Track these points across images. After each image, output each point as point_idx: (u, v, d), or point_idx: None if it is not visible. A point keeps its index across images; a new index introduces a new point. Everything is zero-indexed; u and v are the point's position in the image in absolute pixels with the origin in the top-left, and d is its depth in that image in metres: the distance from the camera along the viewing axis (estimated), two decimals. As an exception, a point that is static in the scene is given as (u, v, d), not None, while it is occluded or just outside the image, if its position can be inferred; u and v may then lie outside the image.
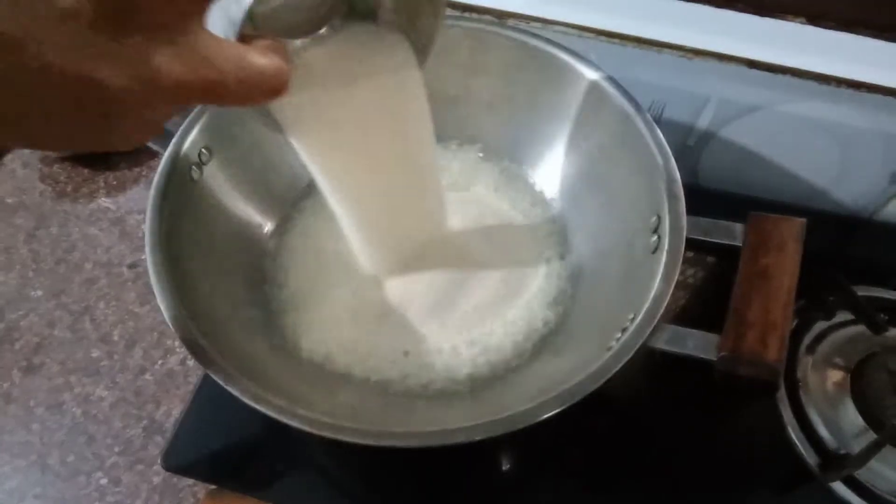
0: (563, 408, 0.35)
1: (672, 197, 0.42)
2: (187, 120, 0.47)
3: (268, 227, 0.54)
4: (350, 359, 0.48)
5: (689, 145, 0.61)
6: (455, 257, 0.52)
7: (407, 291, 0.50)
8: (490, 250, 0.53)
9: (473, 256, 0.53)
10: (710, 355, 0.36)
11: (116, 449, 0.54)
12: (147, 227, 0.42)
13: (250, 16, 0.27)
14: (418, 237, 0.50)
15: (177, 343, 0.37)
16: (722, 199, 0.63)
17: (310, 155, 0.40)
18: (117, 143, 0.24)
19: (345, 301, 0.51)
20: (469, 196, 0.56)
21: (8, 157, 0.72)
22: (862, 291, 0.53)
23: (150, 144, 0.47)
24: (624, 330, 0.39)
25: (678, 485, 0.48)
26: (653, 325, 0.37)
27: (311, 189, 0.56)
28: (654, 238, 0.42)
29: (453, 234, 0.54)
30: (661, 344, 0.37)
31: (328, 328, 0.50)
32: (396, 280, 0.51)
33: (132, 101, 0.22)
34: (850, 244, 0.63)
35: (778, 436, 0.49)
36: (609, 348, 0.38)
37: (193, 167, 0.46)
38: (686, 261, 0.40)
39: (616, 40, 0.53)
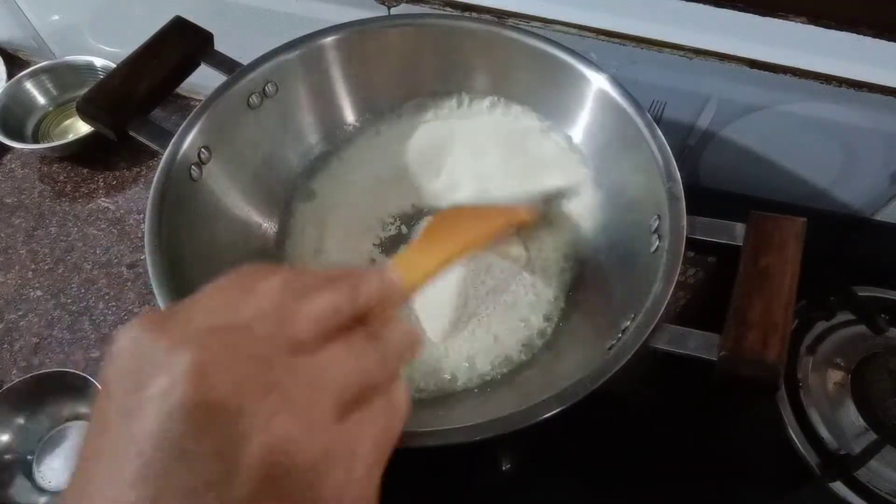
0: (563, 408, 0.35)
1: (672, 197, 0.42)
2: (186, 119, 0.46)
3: (268, 227, 0.54)
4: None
5: (690, 145, 0.61)
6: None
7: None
8: (490, 254, 0.53)
9: (474, 261, 0.53)
10: (711, 355, 0.36)
11: (116, 449, 0.54)
12: (146, 227, 0.42)
13: None
14: None
15: (176, 343, 0.37)
16: (722, 198, 0.63)
17: None
18: None
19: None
20: (468, 199, 0.56)
21: (7, 157, 0.71)
22: (863, 292, 0.53)
23: (149, 143, 0.47)
24: (624, 330, 0.38)
25: (678, 484, 0.48)
26: (653, 326, 0.37)
27: (308, 193, 0.56)
28: (655, 238, 0.42)
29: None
30: (661, 344, 0.37)
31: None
32: None
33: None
34: (850, 244, 0.63)
35: (778, 436, 0.49)
36: (609, 348, 0.38)
37: (193, 167, 0.46)
38: (686, 260, 0.40)
39: (616, 40, 0.53)
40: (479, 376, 0.47)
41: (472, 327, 0.49)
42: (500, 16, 0.54)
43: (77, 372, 0.54)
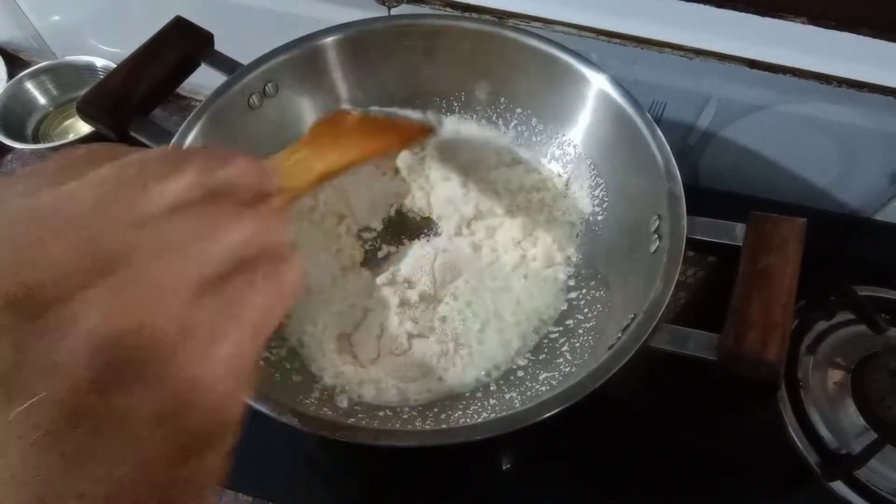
0: (563, 408, 0.35)
1: (672, 197, 0.42)
2: (187, 119, 0.46)
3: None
4: (346, 365, 0.48)
5: (690, 145, 0.61)
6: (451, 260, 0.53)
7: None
8: (487, 254, 0.53)
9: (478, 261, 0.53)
10: (711, 355, 0.36)
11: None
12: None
13: None
14: None
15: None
16: (722, 198, 0.63)
17: None
18: None
19: (342, 307, 0.51)
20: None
21: (7, 157, 0.71)
22: (863, 291, 0.53)
23: (150, 144, 0.47)
24: (624, 330, 0.38)
25: (679, 484, 0.48)
26: (653, 325, 0.37)
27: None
28: (655, 238, 0.42)
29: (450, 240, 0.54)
30: (661, 344, 0.37)
31: (327, 333, 0.49)
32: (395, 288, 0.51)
33: None
34: (850, 244, 0.63)
35: (778, 435, 0.49)
36: (609, 348, 0.38)
37: (193, 167, 0.46)
38: (686, 260, 0.40)
39: (616, 40, 0.53)
40: (480, 379, 0.47)
41: (472, 330, 0.49)
42: (500, 16, 0.54)
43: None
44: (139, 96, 0.47)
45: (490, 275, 0.52)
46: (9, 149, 0.71)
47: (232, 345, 0.19)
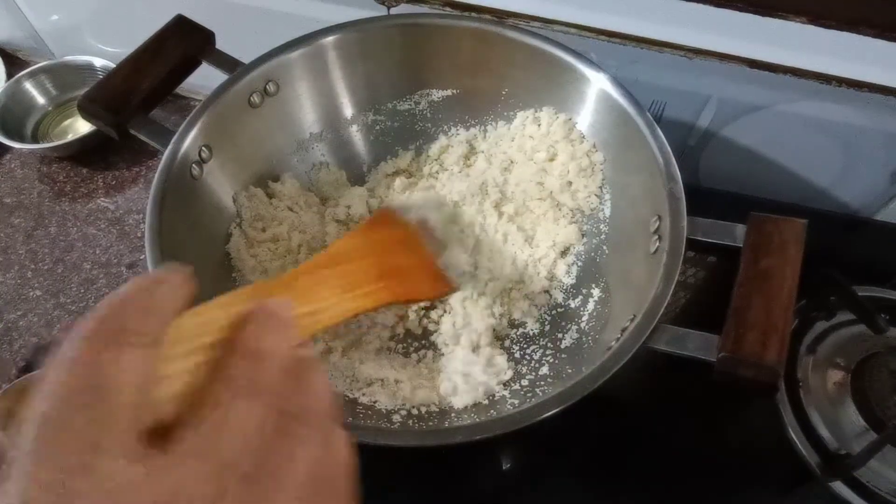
0: (562, 408, 0.35)
1: (673, 198, 0.42)
2: (188, 118, 0.46)
3: (267, 226, 0.54)
4: (346, 365, 0.48)
5: (690, 145, 0.61)
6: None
7: None
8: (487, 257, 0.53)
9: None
10: (710, 356, 0.36)
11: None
12: (147, 224, 0.42)
13: None
14: None
15: (176, 343, 0.37)
16: (722, 199, 0.63)
17: None
18: None
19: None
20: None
21: (6, 157, 0.71)
22: (863, 291, 0.53)
23: (150, 142, 0.47)
24: (623, 330, 0.38)
25: (679, 485, 0.48)
26: (652, 326, 0.37)
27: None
28: (655, 238, 0.42)
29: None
30: (661, 345, 0.37)
31: (327, 332, 0.49)
32: None
33: None
34: (850, 244, 0.63)
35: (778, 436, 0.49)
36: (608, 349, 0.38)
37: (194, 165, 0.46)
38: (686, 261, 0.40)
39: (616, 40, 0.53)
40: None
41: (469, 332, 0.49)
42: (500, 16, 0.54)
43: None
44: (140, 94, 0.47)
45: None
46: (8, 148, 0.70)
47: None
